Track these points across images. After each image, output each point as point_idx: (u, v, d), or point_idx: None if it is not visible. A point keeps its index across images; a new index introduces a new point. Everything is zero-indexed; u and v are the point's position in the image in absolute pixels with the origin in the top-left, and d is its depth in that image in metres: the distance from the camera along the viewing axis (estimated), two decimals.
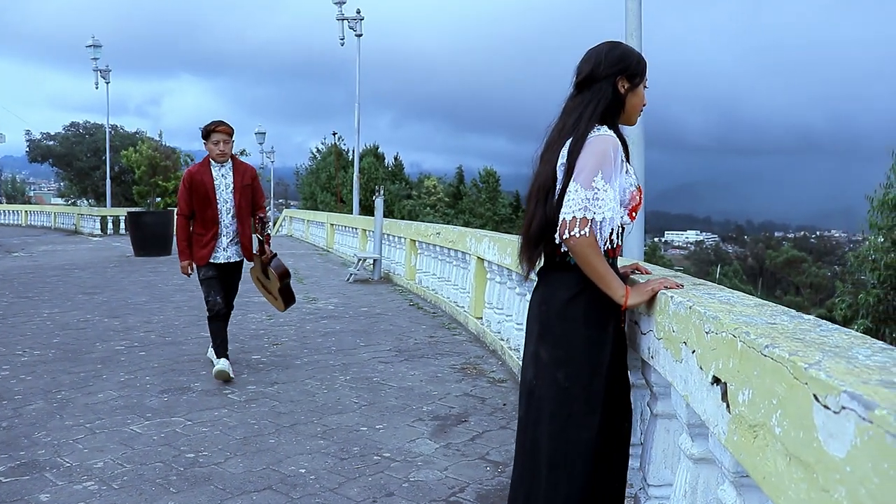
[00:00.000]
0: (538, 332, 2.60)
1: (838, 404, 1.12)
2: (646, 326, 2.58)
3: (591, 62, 2.59)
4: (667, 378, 2.35)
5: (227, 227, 6.03)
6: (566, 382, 2.49)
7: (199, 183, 5.93)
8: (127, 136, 44.51)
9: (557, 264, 2.58)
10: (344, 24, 21.02)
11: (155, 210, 19.02)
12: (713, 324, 1.83)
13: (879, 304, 17.71)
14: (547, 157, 2.57)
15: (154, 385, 5.72)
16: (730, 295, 2.30)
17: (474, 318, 8.11)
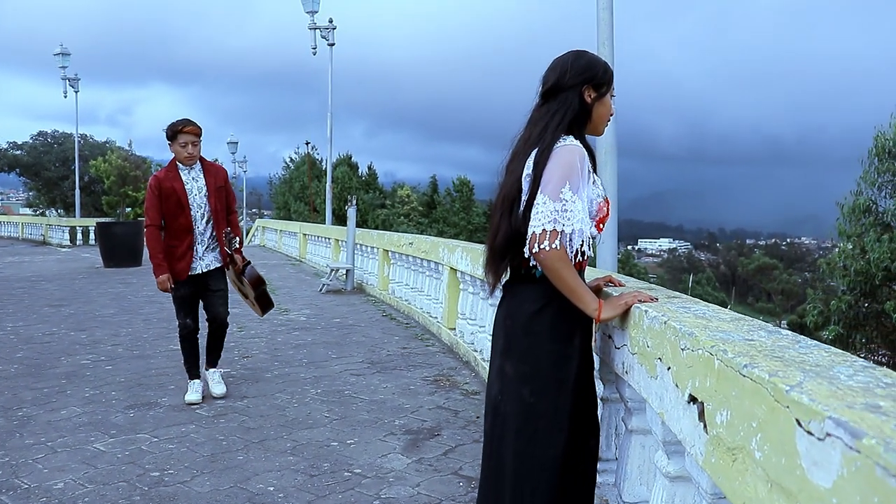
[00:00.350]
0: (503, 346, 2.55)
1: (823, 430, 1.06)
2: (620, 341, 2.53)
3: (556, 71, 2.55)
4: (641, 394, 2.29)
5: (202, 235, 5.58)
6: (532, 398, 2.44)
7: (170, 190, 5.44)
8: (97, 145, 44.04)
9: (523, 277, 2.54)
10: (316, 33, 20.92)
11: (125, 220, 18.76)
12: (689, 340, 1.78)
13: (850, 310, 17.85)
14: (512, 168, 2.52)
15: (120, 400, 5.59)
16: (705, 309, 2.25)
17: (447, 329, 8.04)
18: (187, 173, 5.55)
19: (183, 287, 5.57)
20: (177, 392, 5.82)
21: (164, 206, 5.48)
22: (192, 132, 5.46)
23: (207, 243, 5.64)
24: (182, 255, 5.50)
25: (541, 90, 2.58)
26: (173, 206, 5.47)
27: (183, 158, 5.49)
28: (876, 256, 16.98)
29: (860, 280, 17.47)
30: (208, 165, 5.70)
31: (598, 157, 5.70)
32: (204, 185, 5.58)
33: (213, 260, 5.69)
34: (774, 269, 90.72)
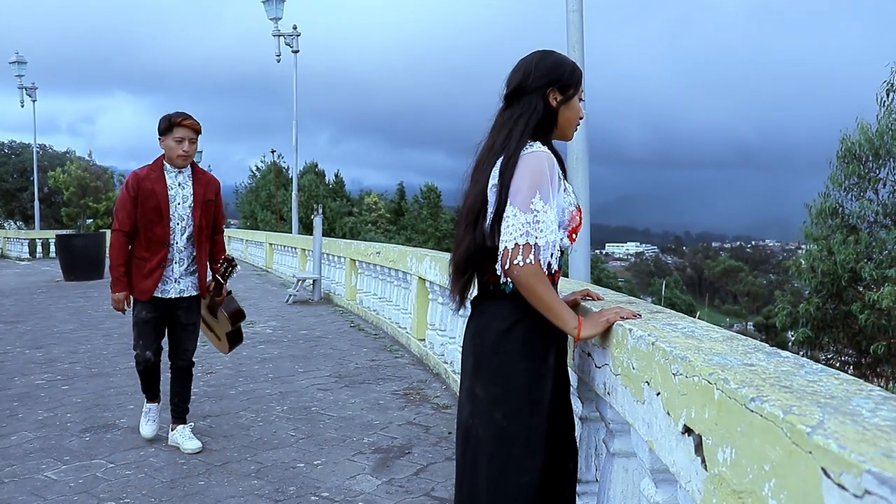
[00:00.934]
0: (473, 366, 2.38)
1: (860, 487, 0.91)
2: (601, 359, 2.38)
3: (520, 73, 2.38)
4: (626, 418, 2.14)
5: (179, 252, 4.72)
6: (504, 421, 2.28)
7: (149, 191, 4.59)
8: (56, 155, 43.16)
9: (491, 293, 2.37)
10: (280, 40, 20.66)
11: (86, 232, 18.33)
12: (682, 365, 1.62)
13: (818, 312, 17.96)
14: (476, 178, 2.36)
15: (75, 423, 5.33)
16: (693, 326, 2.10)
17: (417, 340, 7.86)
18: (174, 177, 4.71)
19: (146, 310, 4.68)
20: (136, 412, 5.57)
21: (140, 211, 4.61)
22: (191, 126, 4.65)
23: (186, 264, 4.78)
24: (150, 271, 4.63)
25: (503, 93, 2.42)
26: (150, 211, 4.61)
27: (175, 157, 4.64)
28: (842, 258, 17.09)
29: (827, 282, 17.58)
30: (199, 173, 4.86)
31: (569, 164, 5.57)
32: (191, 195, 4.74)
33: (190, 285, 4.81)
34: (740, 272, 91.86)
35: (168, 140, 4.62)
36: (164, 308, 4.75)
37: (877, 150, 17.50)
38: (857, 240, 17.27)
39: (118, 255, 4.64)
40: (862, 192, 18.49)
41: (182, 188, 4.73)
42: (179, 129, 4.61)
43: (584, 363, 2.58)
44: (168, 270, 4.70)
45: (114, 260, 4.66)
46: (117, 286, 4.66)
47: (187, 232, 4.74)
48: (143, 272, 4.64)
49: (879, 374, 18.34)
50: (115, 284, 4.67)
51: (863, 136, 17.64)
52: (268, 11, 19.91)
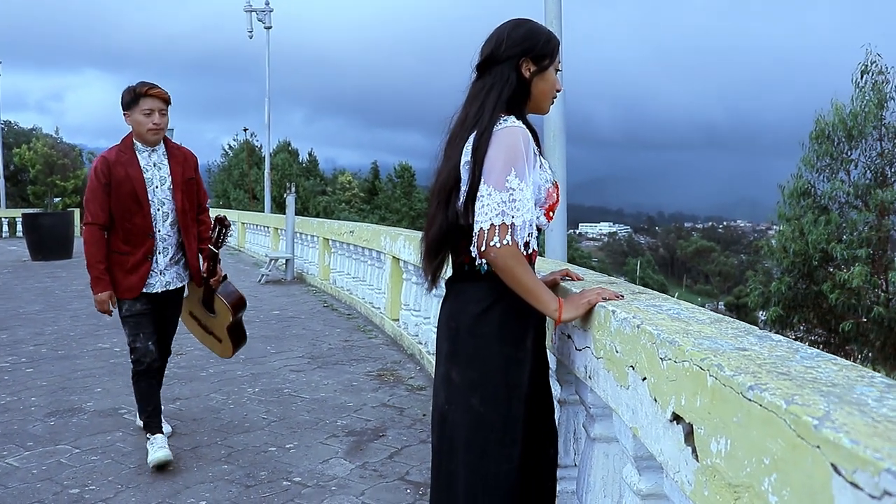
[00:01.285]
0: (448, 351, 2.28)
1: (878, 487, 0.83)
2: (581, 342, 2.30)
3: (492, 42, 2.27)
4: (609, 403, 2.07)
5: (164, 241, 4.19)
6: (482, 407, 2.19)
7: (122, 177, 4.02)
8: (22, 132, 42.38)
9: (466, 274, 2.28)
10: (252, 15, 20.33)
11: (53, 211, 17.97)
12: (671, 349, 1.55)
13: (789, 292, 18.14)
14: (449, 153, 2.26)
15: (40, 407, 5.18)
16: (679, 308, 2.03)
17: (391, 321, 7.77)
18: (147, 157, 4.14)
19: (141, 302, 4.16)
20: (103, 395, 5.45)
21: (115, 199, 4.05)
22: (159, 96, 4.07)
23: (171, 253, 4.25)
24: (135, 266, 4.11)
25: (475, 62, 2.30)
26: (126, 199, 4.04)
27: (145, 132, 4.06)
28: (813, 238, 17.25)
29: (799, 261, 17.75)
30: (174, 149, 4.29)
31: (546, 141, 5.50)
32: (168, 175, 4.19)
33: (176, 277, 4.31)
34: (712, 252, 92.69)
35: (135, 114, 4.05)
36: (153, 301, 4.25)
37: (850, 130, 17.63)
38: (829, 220, 17.43)
39: (96, 251, 4.06)
40: (834, 173, 18.64)
41: (158, 168, 4.16)
42: (147, 100, 4.04)
43: (564, 345, 2.50)
44: (153, 263, 4.18)
45: (91, 257, 4.07)
46: (99, 285, 4.07)
47: (170, 217, 4.20)
48: (127, 267, 4.10)
49: (848, 352, 18.59)
50: (97, 284, 4.07)
51: (837, 117, 17.76)
52: None
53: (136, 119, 4.06)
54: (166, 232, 4.20)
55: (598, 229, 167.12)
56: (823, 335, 18.45)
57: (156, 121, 4.07)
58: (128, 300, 4.14)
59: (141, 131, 4.08)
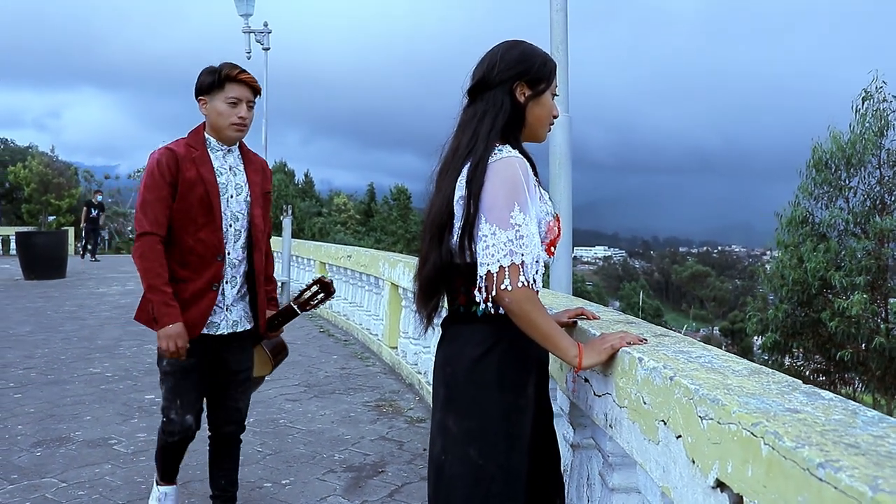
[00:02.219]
0: (444, 397, 2.14)
1: None
2: (601, 388, 2.16)
3: (484, 65, 2.14)
4: (632, 456, 1.92)
5: (233, 267, 3.25)
6: (480, 459, 2.04)
7: (193, 179, 3.12)
8: (18, 150, 42.32)
9: (461, 316, 2.13)
10: (251, 37, 20.27)
11: (47, 230, 17.80)
12: (713, 409, 1.41)
13: (787, 319, 18.04)
14: (440, 185, 2.12)
15: (27, 436, 5.01)
16: (709, 355, 1.90)
17: (388, 348, 7.62)
18: (222, 158, 3.26)
19: (191, 353, 3.16)
20: (93, 424, 5.28)
21: (178, 207, 3.12)
22: (249, 83, 3.22)
23: (240, 284, 3.30)
24: (195, 296, 3.15)
25: (466, 87, 2.17)
26: (195, 207, 3.13)
27: (226, 127, 3.20)
28: (812, 266, 17.14)
29: (797, 289, 17.64)
30: (251, 154, 3.40)
31: (551, 169, 5.38)
32: (245, 184, 3.29)
33: (244, 316, 3.34)
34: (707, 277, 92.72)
35: (216, 102, 3.18)
36: (211, 350, 3.28)
37: (849, 158, 17.59)
38: (828, 248, 17.35)
39: (158, 267, 3.07)
40: (832, 200, 18.60)
41: (234, 174, 3.28)
42: (234, 86, 3.18)
43: (581, 389, 2.37)
44: (219, 294, 3.23)
45: (153, 276, 3.06)
46: (168, 315, 3.04)
47: (242, 238, 3.28)
48: (184, 298, 3.13)
49: (847, 381, 18.46)
50: (164, 313, 3.04)
51: (835, 145, 17.73)
52: (238, 7, 19.49)
53: (217, 108, 3.18)
54: (237, 256, 3.27)
55: (592, 253, 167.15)
56: (823, 363, 18.33)
57: (242, 113, 3.20)
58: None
59: (221, 124, 3.20)
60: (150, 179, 3.11)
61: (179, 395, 3.23)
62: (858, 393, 18.45)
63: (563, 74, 5.10)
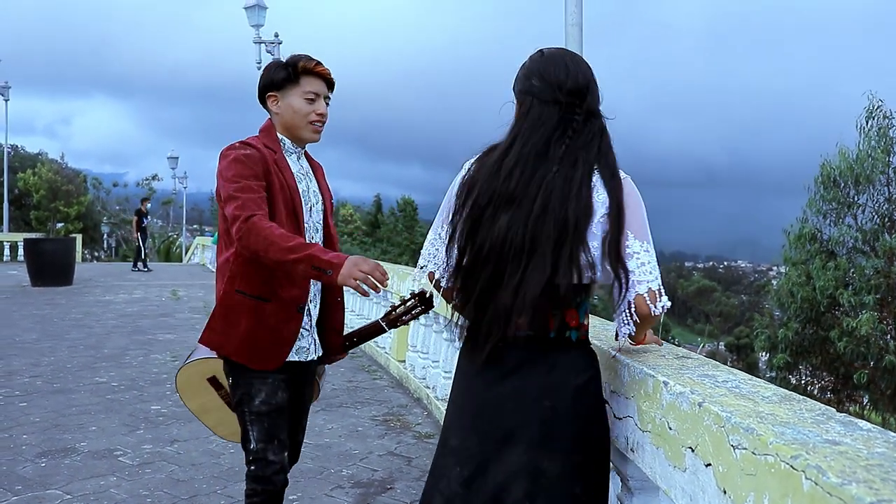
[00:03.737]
0: (539, 436, 1.90)
1: None
2: (622, 410, 2.11)
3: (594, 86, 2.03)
4: (655, 481, 1.87)
5: (315, 285, 2.86)
6: (585, 495, 1.92)
7: (280, 183, 2.70)
8: (28, 157, 42.44)
9: (554, 342, 1.96)
10: (261, 47, 20.33)
11: (55, 237, 17.82)
12: (747, 438, 1.36)
13: (796, 337, 17.93)
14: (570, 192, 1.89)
15: (31, 446, 4.97)
16: (735, 378, 1.85)
17: (396, 361, 7.56)
18: (296, 161, 2.88)
19: (279, 386, 2.75)
20: (98, 434, 5.24)
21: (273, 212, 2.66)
22: (325, 76, 2.83)
23: (317, 305, 2.92)
24: (281, 321, 2.72)
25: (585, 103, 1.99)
26: (283, 216, 2.68)
27: (304, 125, 2.80)
28: (821, 284, 17.05)
29: (806, 307, 17.54)
30: (312, 160, 3.04)
31: None
32: (318, 190, 2.94)
33: (316, 342, 2.93)
34: (713, 292, 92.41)
35: (291, 97, 2.78)
36: (296, 380, 2.88)
37: (857, 176, 17.52)
38: (837, 266, 17.24)
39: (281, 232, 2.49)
40: (841, 217, 18.51)
41: (310, 180, 2.91)
42: (311, 80, 2.79)
43: None
44: (303, 318, 2.80)
45: (282, 239, 2.45)
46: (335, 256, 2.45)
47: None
48: (269, 324, 2.69)
49: (855, 399, 18.32)
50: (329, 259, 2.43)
51: (843, 163, 17.66)
52: (249, 18, 19.59)
53: (293, 105, 2.78)
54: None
55: None
56: (832, 382, 18.21)
57: (322, 110, 2.81)
58: (258, 378, 2.71)
59: (298, 123, 2.79)
60: (237, 168, 2.61)
61: (276, 432, 2.75)
62: (867, 411, 18.32)
63: None
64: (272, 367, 2.69)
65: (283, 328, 2.70)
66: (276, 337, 2.69)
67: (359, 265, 2.45)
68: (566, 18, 5.19)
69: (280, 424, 2.75)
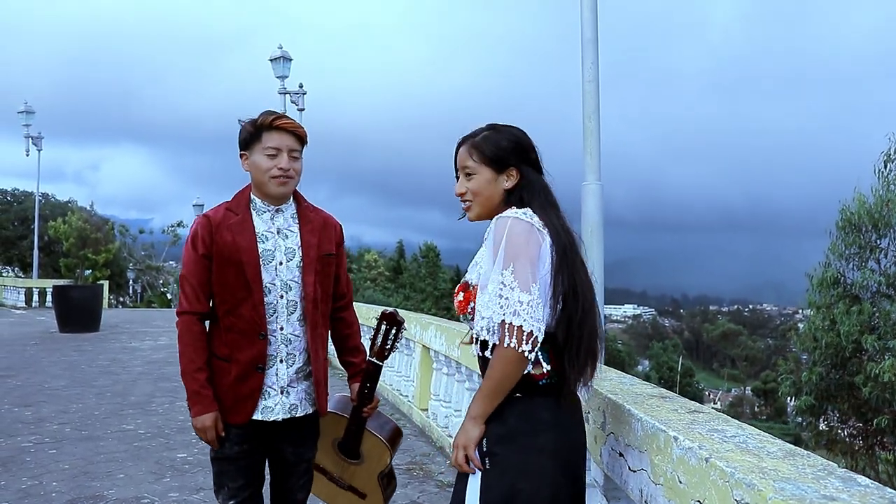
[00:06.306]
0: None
1: None
2: (636, 463, 2.19)
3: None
4: None
5: (288, 344, 2.88)
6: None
7: (229, 246, 2.80)
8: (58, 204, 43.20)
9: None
10: (286, 97, 20.75)
11: (83, 284, 18.12)
12: (749, 493, 1.45)
13: (821, 382, 17.75)
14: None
15: (61, 493, 5.08)
16: (743, 434, 1.93)
17: (419, 410, 7.62)
18: (268, 220, 2.90)
19: (236, 440, 2.87)
20: (126, 482, 5.34)
21: (216, 280, 2.83)
22: (290, 129, 2.85)
23: (299, 363, 2.93)
24: (240, 379, 2.83)
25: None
26: (231, 280, 2.81)
27: (268, 181, 2.83)
28: (846, 329, 16.92)
29: (831, 352, 17.39)
30: (310, 211, 3.02)
31: (584, 236, 5.43)
32: (297, 245, 2.91)
33: (305, 398, 2.95)
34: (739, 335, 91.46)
35: (256, 154, 2.84)
36: (264, 437, 2.94)
37: (876, 221, 17.47)
38: (860, 310, 17.12)
39: (192, 352, 2.82)
40: (863, 261, 18.41)
41: (284, 237, 2.90)
42: (272, 135, 2.82)
43: (615, 463, 2.39)
44: (269, 376, 2.87)
45: (185, 362, 2.83)
46: (199, 403, 2.79)
47: (298, 310, 2.90)
48: (228, 381, 2.84)
49: (885, 445, 18.03)
50: (194, 401, 2.80)
51: (861, 209, 17.63)
52: (275, 70, 20.05)
53: (255, 162, 2.84)
54: (292, 331, 2.89)
55: (622, 311, 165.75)
56: (860, 428, 17.95)
57: (283, 164, 2.81)
58: (229, 428, 2.86)
59: (262, 179, 2.83)
60: (186, 253, 2.87)
61: (226, 482, 2.90)
62: None
63: (595, 143, 5.20)
64: (236, 420, 2.84)
65: (241, 387, 2.82)
66: (236, 394, 2.83)
67: (204, 423, 2.77)
68: (583, 75, 5.34)
69: (230, 474, 2.88)
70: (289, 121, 2.86)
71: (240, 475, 2.89)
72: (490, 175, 2.27)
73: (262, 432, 2.90)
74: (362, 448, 3.11)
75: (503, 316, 2.03)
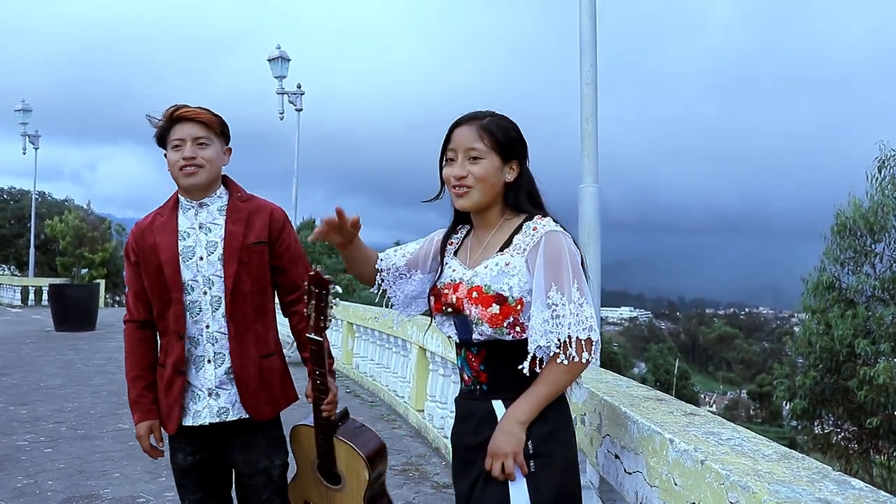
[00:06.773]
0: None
1: None
2: (631, 465, 2.20)
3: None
4: None
5: (214, 343, 2.73)
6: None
7: (150, 250, 2.73)
8: (55, 203, 43.12)
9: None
10: (284, 98, 20.75)
11: (79, 283, 18.10)
12: (744, 496, 1.46)
13: (816, 386, 17.79)
14: None
15: (56, 492, 5.08)
16: (738, 437, 1.94)
17: (415, 411, 7.63)
18: (192, 216, 2.78)
19: (182, 448, 2.81)
20: (122, 481, 5.34)
21: (147, 282, 2.76)
22: (195, 118, 2.72)
23: (226, 362, 2.75)
24: (168, 384, 2.75)
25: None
26: (155, 282, 2.73)
27: (175, 177, 2.75)
28: (840, 333, 16.95)
29: (825, 356, 17.43)
30: (240, 201, 2.84)
31: (580, 238, 5.46)
32: (220, 238, 2.75)
33: (228, 402, 2.74)
34: (735, 339, 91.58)
35: (168, 151, 2.76)
36: (209, 444, 2.81)
37: (871, 225, 17.51)
38: (855, 314, 17.16)
39: (132, 359, 2.81)
40: (858, 266, 18.45)
41: (206, 231, 2.76)
42: (175, 128, 2.72)
43: (611, 465, 2.40)
44: (198, 378, 2.74)
45: (126, 370, 2.83)
46: (136, 411, 2.79)
47: (218, 305, 2.72)
48: (161, 388, 2.79)
49: (879, 448, 18.07)
50: (133, 409, 2.81)
51: (856, 213, 17.67)
52: (273, 70, 20.06)
53: (167, 159, 2.77)
54: (218, 328, 2.73)
55: (618, 314, 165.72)
56: (855, 432, 18.00)
57: (187, 154, 2.69)
58: (172, 439, 2.83)
59: (174, 174, 2.75)
60: (125, 264, 2.86)
61: (186, 495, 2.85)
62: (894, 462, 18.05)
63: (593, 146, 5.21)
64: (168, 429, 2.78)
65: (168, 391, 2.75)
66: (166, 399, 2.76)
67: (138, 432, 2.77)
68: (581, 78, 5.35)
69: (187, 485, 2.83)
70: (190, 109, 2.73)
71: (197, 487, 2.83)
72: (498, 163, 2.16)
73: (213, 441, 2.79)
74: (339, 466, 2.76)
75: (578, 333, 2.00)
